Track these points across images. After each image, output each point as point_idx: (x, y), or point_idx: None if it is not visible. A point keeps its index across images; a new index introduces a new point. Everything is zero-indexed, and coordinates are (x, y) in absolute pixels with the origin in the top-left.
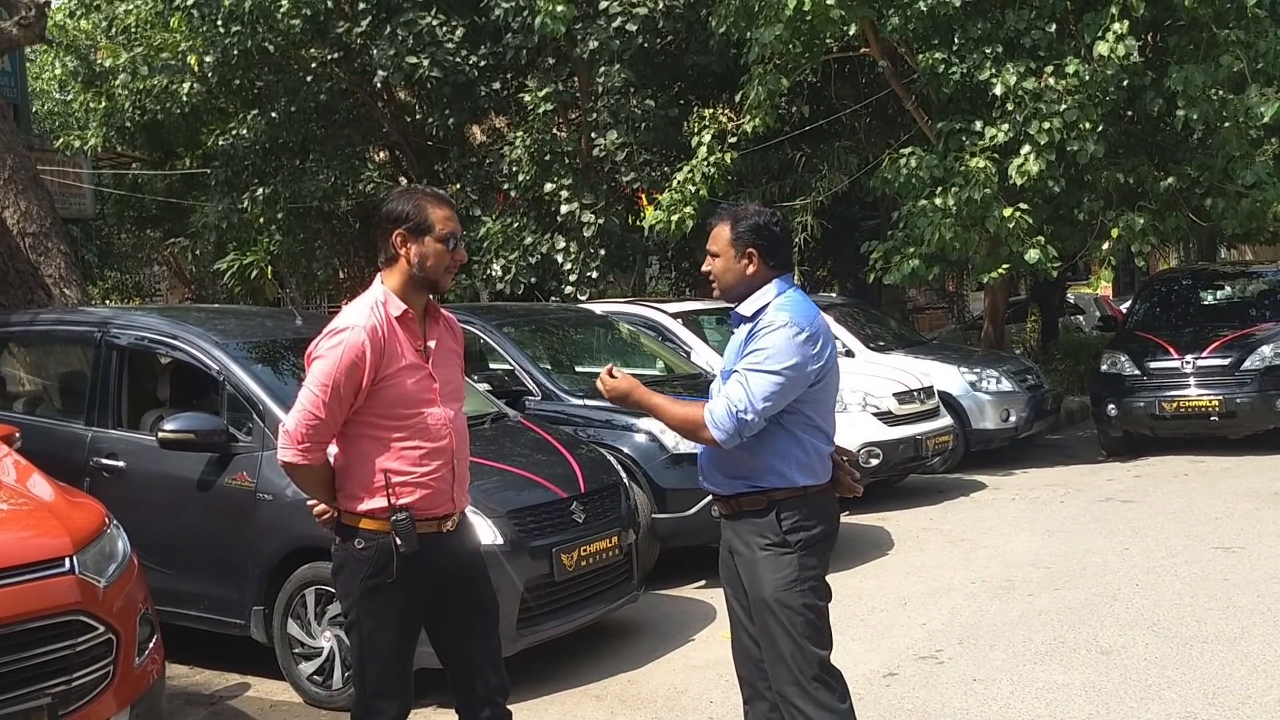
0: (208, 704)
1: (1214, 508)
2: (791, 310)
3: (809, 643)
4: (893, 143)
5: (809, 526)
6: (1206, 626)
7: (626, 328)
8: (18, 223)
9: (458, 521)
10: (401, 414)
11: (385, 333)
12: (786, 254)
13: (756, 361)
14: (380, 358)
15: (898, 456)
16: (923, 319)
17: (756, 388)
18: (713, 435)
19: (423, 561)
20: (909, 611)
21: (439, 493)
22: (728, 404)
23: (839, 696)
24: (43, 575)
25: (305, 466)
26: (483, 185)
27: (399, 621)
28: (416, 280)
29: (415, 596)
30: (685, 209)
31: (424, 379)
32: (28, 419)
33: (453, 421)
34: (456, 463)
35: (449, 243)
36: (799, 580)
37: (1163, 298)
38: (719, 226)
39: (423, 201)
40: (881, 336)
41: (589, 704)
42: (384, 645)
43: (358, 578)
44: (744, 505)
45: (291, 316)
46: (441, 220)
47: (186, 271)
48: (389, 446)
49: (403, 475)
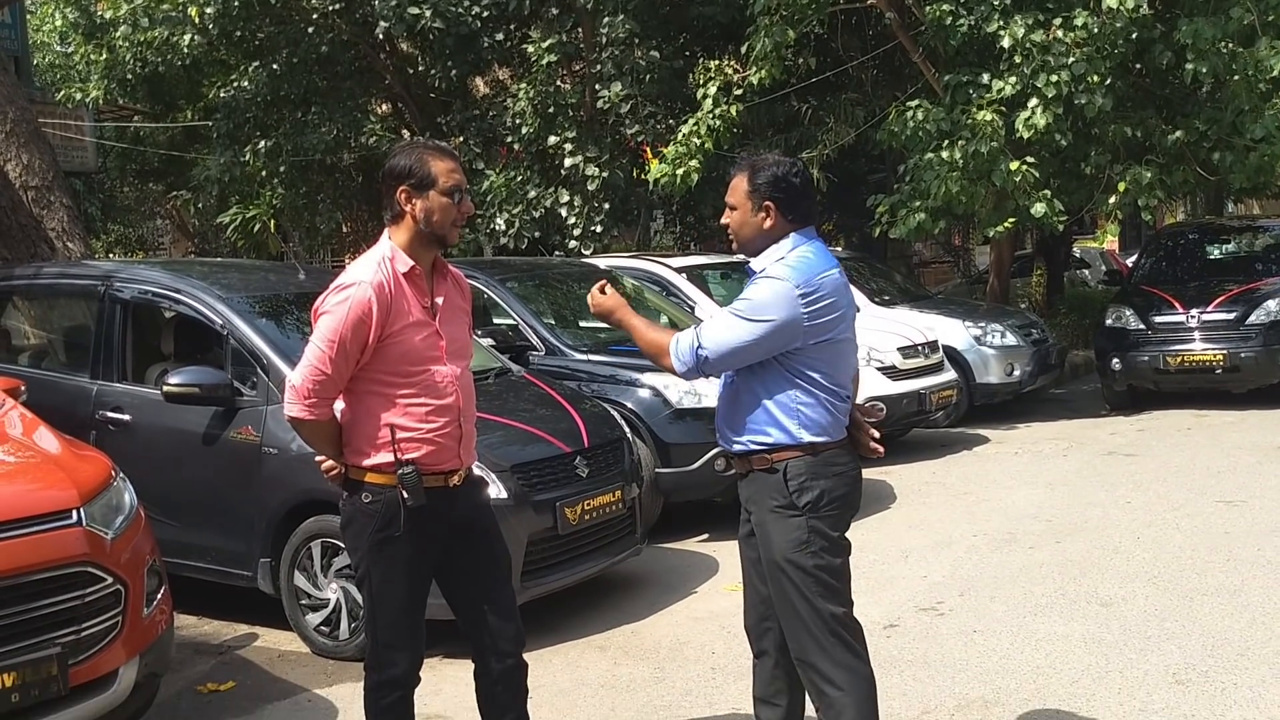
0: (216, 654)
1: (1216, 462)
2: (795, 266)
3: (823, 601)
4: (899, 95)
5: (818, 486)
6: (1206, 579)
7: (630, 282)
8: (20, 176)
9: (464, 476)
10: (408, 370)
11: (392, 289)
12: (807, 206)
13: (739, 308)
14: (386, 314)
15: (902, 411)
16: (928, 273)
17: (727, 331)
18: (672, 364)
19: (430, 516)
20: (910, 564)
21: (445, 449)
22: (694, 338)
23: (856, 653)
24: (50, 527)
25: (312, 422)
26: (486, 138)
27: (407, 574)
28: (423, 236)
29: (423, 550)
30: (690, 162)
31: (430, 336)
32: (33, 372)
33: (459, 379)
34: (463, 419)
35: (454, 196)
36: (809, 541)
37: (1169, 252)
38: (737, 178)
39: (425, 155)
40: (887, 291)
41: (592, 654)
42: (393, 598)
43: (365, 532)
44: (754, 464)
45: (295, 270)
46: (445, 173)
47: (190, 225)
48: (395, 403)
49: (409, 431)
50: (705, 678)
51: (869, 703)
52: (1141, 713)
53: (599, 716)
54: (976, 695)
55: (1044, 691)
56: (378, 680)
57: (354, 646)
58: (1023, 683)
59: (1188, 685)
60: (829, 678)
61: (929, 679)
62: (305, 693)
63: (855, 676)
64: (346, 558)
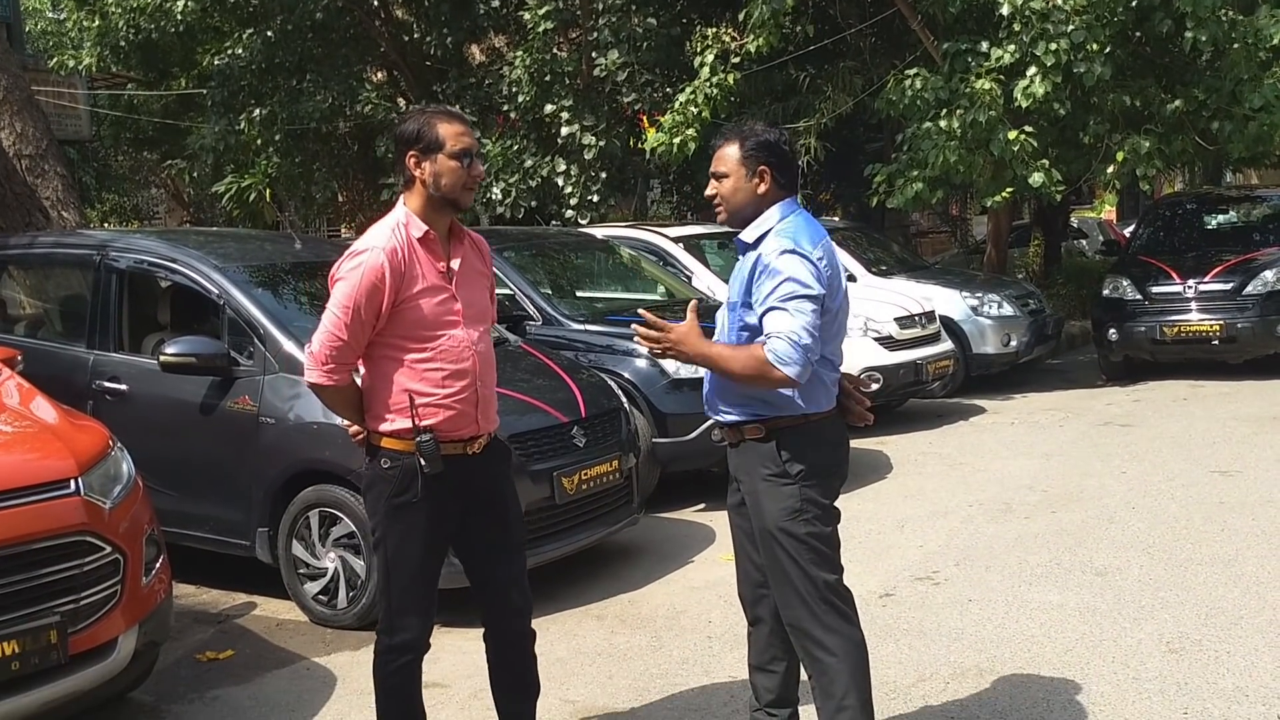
0: (215, 622)
1: (1212, 432)
2: (795, 234)
3: (816, 568)
4: (898, 64)
5: (811, 455)
6: (1201, 549)
7: (627, 252)
8: (13, 144)
9: (484, 444)
10: (423, 336)
11: (405, 254)
12: (794, 174)
13: (788, 290)
14: (400, 279)
15: (898, 381)
16: (926, 243)
17: (801, 315)
18: (785, 373)
19: (448, 482)
20: (906, 534)
21: (463, 415)
22: (786, 337)
23: (848, 619)
24: (48, 496)
25: (331, 387)
26: (482, 107)
27: (422, 540)
28: (435, 200)
29: (440, 516)
30: (687, 131)
31: (446, 300)
32: (29, 342)
33: (476, 343)
34: (480, 385)
35: (463, 159)
36: (801, 510)
37: (1166, 222)
38: (726, 146)
39: (433, 119)
40: (884, 261)
41: (590, 623)
42: (407, 563)
43: (383, 496)
44: (746, 433)
45: (291, 240)
46: (453, 136)
47: (185, 194)
48: (412, 368)
49: (426, 397)
50: (702, 646)
51: (861, 668)
52: (1135, 681)
53: (596, 685)
54: (971, 664)
55: (1038, 660)
56: (388, 644)
57: (352, 615)
58: (1017, 651)
59: (1181, 654)
60: (822, 644)
61: (924, 648)
62: (304, 661)
63: (848, 642)
64: (344, 527)
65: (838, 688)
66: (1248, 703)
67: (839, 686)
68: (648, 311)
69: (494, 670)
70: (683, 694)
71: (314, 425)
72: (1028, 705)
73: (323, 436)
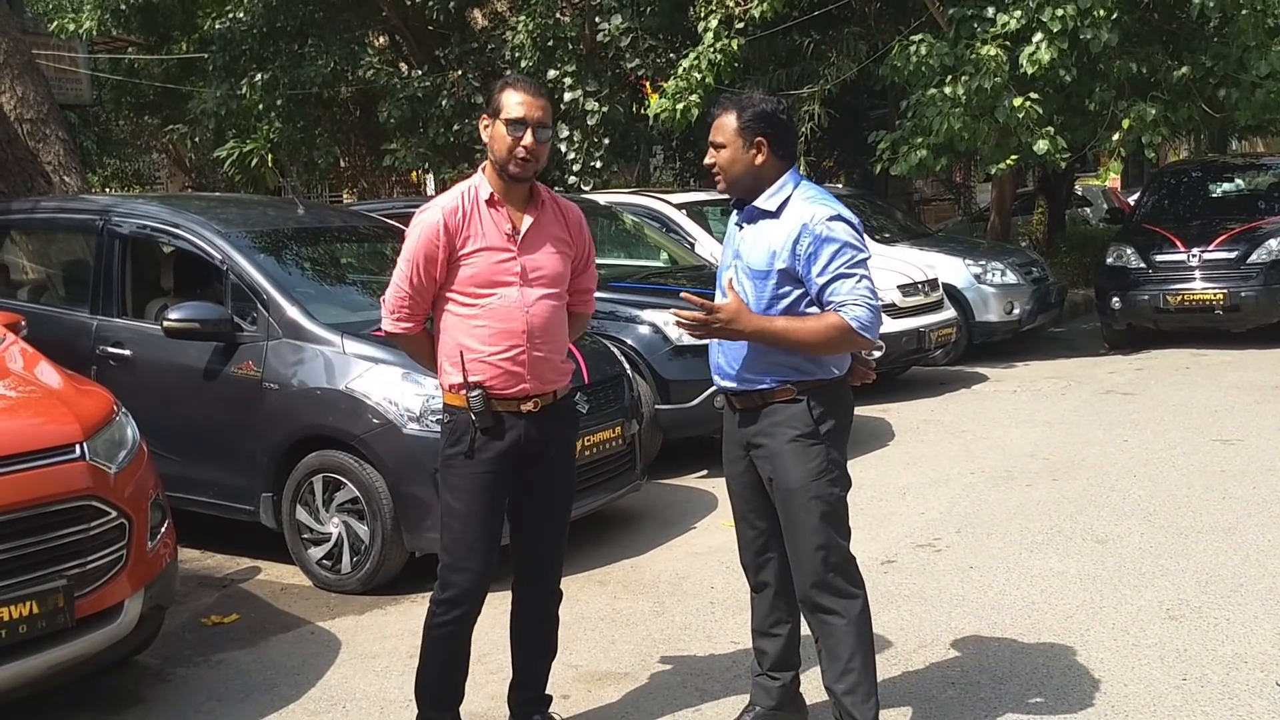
0: (219, 586)
1: (1214, 400)
2: (828, 200)
3: (832, 530)
4: (903, 29)
5: (839, 414)
6: (1201, 517)
7: (630, 219)
8: (15, 109)
9: (542, 404)
10: (475, 293)
11: (466, 213)
12: (793, 144)
13: (850, 256)
14: (455, 237)
15: (900, 349)
16: (929, 210)
17: (868, 276)
18: (868, 337)
19: (500, 440)
20: (908, 501)
21: (511, 374)
22: (865, 303)
23: (856, 583)
24: (54, 461)
25: (402, 336)
26: (484, 72)
27: (472, 494)
28: (494, 165)
29: (490, 472)
30: (691, 97)
31: (506, 261)
32: (33, 307)
33: (531, 305)
34: (532, 346)
35: (513, 129)
36: (827, 469)
37: (1171, 190)
38: (723, 116)
39: (505, 85)
40: (887, 228)
41: (593, 589)
42: (456, 516)
43: (440, 448)
44: (772, 397)
45: (293, 206)
46: (511, 105)
47: (186, 159)
48: (464, 323)
49: (474, 353)
50: (704, 612)
51: (866, 632)
52: (1135, 647)
53: (599, 650)
54: (972, 630)
55: (1038, 626)
56: (438, 597)
57: (355, 580)
58: (1017, 618)
59: (1181, 620)
60: (829, 608)
61: (925, 614)
62: (308, 625)
63: (854, 605)
64: (348, 493)
65: (844, 649)
66: (1246, 669)
67: (845, 649)
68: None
69: (516, 626)
70: (685, 659)
71: (317, 391)
72: (1028, 671)
73: (326, 402)
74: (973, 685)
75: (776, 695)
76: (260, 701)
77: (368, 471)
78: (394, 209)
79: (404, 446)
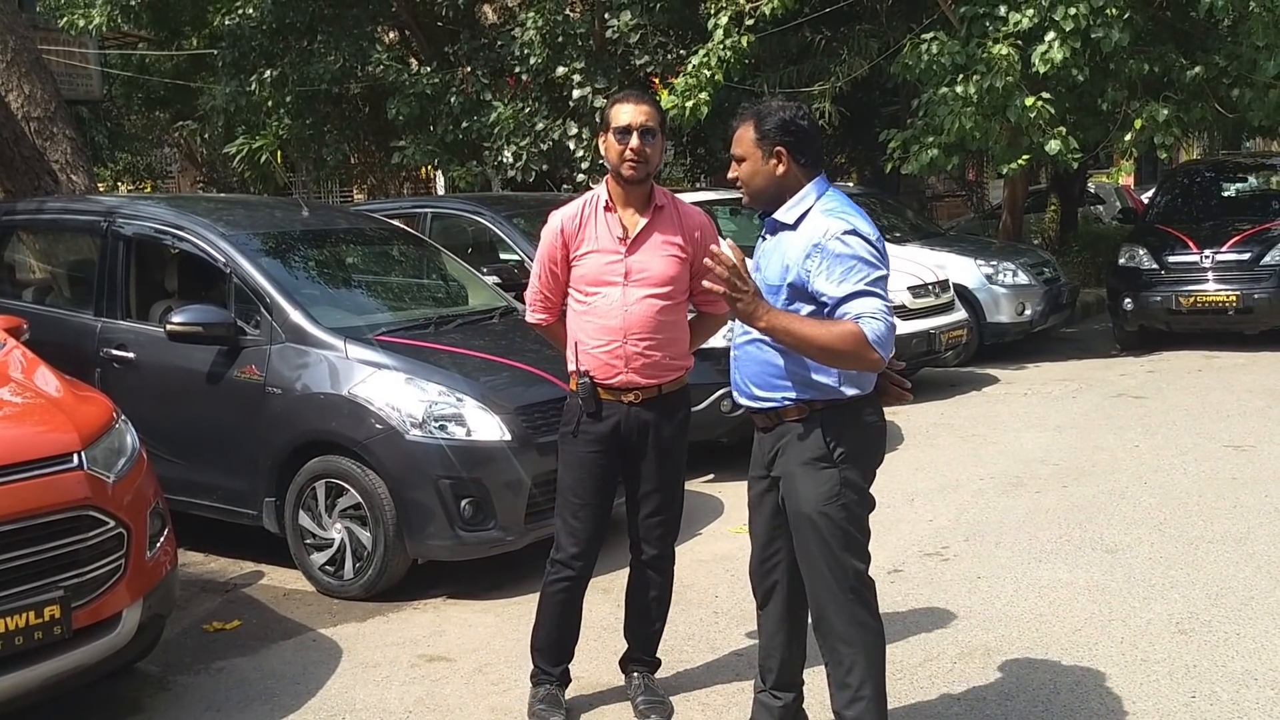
0: (222, 591)
1: (1226, 405)
2: (847, 214)
3: (846, 554)
4: (915, 27)
5: (852, 438)
6: (1213, 526)
7: None
8: (21, 107)
9: (644, 397)
10: (586, 290)
11: (584, 219)
12: (817, 150)
13: (865, 272)
14: (571, 240)
15: (911, 351)
16: (941, 207)
17: (885, 295)
18: (879, 354)
19: (600, 423)
20: (916, 508)
21: (610, 366)
22: (883, 320)
23: (871, 610)
24: (51, 471)
25: (539, 326)
26: (493, 69)
27: (578, 469)
28: (611, 173)
29: (596, 452)
30: (700, 94)
31: (614, 262)
32: (37, 309)
33: (631, 304)
34: (628, 342)
35: (621, 135)
36: (839, 494)
37: (1184, 190)
38: (742, 128)
39: (615, 100)
40: (898, 228)
41: (596, 596)
42: (565, 488)
43: (559, 426)
44: (784, 416)
45: (299, 208)
46: (617, 115)
47: (198, 154)
48: (578, 317)
49: (584, 345)
50: (708, 621)
51: (878, 660)
52: (1144, 663)
53: (602, 659)
54: (979, 643)
55: (1046, 640)
56: (552, 558)
57: (358, 586)
58: (1025, 630)
59: (1190, 635)
60: (842, 635)
61: (932, 626)
62: (310, 632)
63: (868, 634)
64: (350, 498)
65: (854, 678)
66: (1256, 687)
67: (855, 677)
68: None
69: (632, 591)
70: (688, 671)
71: (320, 396)
72: (1034, 687)
73: (329, 407)
74: (979, 702)
75: (778, 715)
76: (259, 711)
77: (370, 477)
78: (400, 209)
79: (406, 452)
